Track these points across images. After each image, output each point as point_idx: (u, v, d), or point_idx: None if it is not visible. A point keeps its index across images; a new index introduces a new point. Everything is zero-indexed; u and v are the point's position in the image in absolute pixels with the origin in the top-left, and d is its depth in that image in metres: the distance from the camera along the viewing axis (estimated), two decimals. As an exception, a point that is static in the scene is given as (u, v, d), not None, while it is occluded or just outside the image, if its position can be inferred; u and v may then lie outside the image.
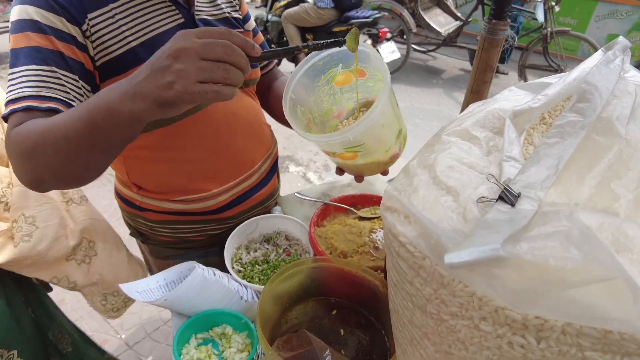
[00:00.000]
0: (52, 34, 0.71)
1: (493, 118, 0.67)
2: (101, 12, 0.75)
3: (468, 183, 0.48)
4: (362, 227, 0.90)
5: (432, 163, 0.55)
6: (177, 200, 0.95)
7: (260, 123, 1.03)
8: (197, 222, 1.01)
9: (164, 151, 0.89)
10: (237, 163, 0.97)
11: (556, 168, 0.46)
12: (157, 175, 0.93)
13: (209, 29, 0.56)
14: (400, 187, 0.52)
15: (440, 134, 0.65)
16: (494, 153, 0.61)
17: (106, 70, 0.77)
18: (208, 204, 0.97)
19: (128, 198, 1.00)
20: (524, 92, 0.75)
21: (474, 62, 1.08)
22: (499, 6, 0.97)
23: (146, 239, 1.07)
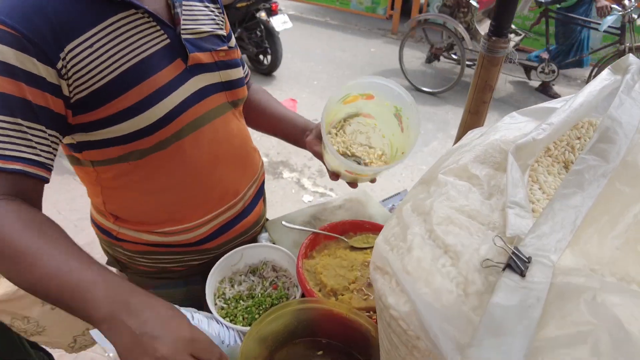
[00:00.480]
0: (22, 78, 0.64)
1: (494, 151, 0.61)
2: (80, 40, 0.68)
3: (469, 242, 0.42)
4: (354, 259, 0.84)
5: (428, 211, 0.49)
6: (156, 232, 0.89)
7: (247, 149, 0.97)
8: (177, 254, 0.95)
9: (143, 181, 0.83)
10: (220, 193, 0.91)
11: (573, 225, 0.39)
12: (136, 205, 0.87)
13: (204, 349, 0.60)
14: (392, 240, 0.46)
15: (436, 170, 0.59)
16: (496, 195, 0.54)
17: (84, 105, 0.71)
18: (189, 236, 0.91)
19: (104, 227, 0.94)
20: (527, 118, 0.69)
21: (472, 81, 1.02)
22: (499, 23, 0.91)
23: (125, 268, 1.01)
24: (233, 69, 0.89)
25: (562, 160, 0.64)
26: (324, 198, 1.07)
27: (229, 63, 0.88)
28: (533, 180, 0.58)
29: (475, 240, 0.43)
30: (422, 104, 4.56)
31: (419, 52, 5.85)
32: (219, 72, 0.85)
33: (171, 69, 0.77)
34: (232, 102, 0.90)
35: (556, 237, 0.38)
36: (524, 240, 0.39)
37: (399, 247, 0.45)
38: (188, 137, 0.81)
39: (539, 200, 0.55)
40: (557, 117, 0.60)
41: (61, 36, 0.66)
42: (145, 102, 0.74)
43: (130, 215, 0.88)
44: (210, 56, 0.84)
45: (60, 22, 0.66)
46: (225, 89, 0.87)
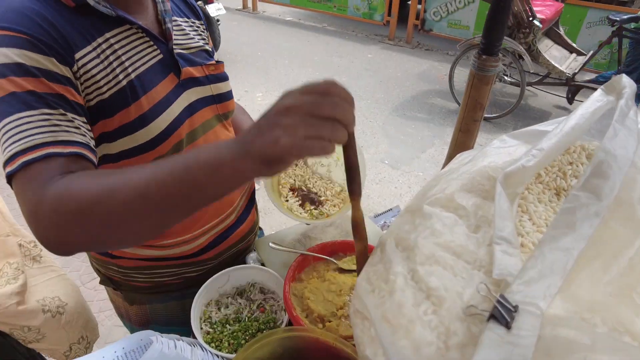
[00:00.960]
0: (42, 77, 0.61)
1: (482, 179, 0.58)
2: (87, 50, 0.68)
3: (452, 285, 0.40)
4: (343, 282, 0.81)
5: (412, 247, 0.47)
6: (154, 246, 0.88)
7: None
8: (174, 267, 0.94)
9: None
10: (216, 204, 0.89)
11: (563, 269, 0.37)
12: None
13: (314, 84, 0.51)
14: (374, 279, 0.44)
15: (422, 199, 0.57)
16: (484, 227, 0.52)
17: (97, 113, 0.70)
18: (186, 248, 0.91)
19: None
20: (517, 142, 0.67)
21: (463, 100, 1.00)
22: (489, 41, 0.89)
23: (119, 286, 0.99)
24: (222, 82, 0.91)
25: (553, 187, 0.61)
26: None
27: (218, 77, 0.89)
28: (522, 210, 0.56)
29: (459, 283, 0.41)
30: (416, 111, 4.55)
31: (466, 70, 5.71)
32: (210, 86, 0.87)
33: (166, 84, 0.78)
34: (223, 114, 0.92)
35: (545, 283, 0.36)
36: (511, 287, 0.37)
37: (380, 288, 0.43)
38: (183, 151, 0.81)
39: (529, 233, 0.53)
40: (548, 141, 0.58)
41: (70, 43, 0.66)
42: (146, 116, 0.74)
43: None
44: (202, 70, 0.86)
45: (65, 31, 0.66)
46: (215, 102, 0.89)
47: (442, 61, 5.87)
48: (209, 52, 0.92)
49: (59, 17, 0.66)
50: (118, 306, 1.10)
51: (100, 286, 1.19)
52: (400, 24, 6.45)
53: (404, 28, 6.46)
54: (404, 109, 4.56)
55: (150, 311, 1.02)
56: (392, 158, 3.75)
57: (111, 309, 2.33)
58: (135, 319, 1.04)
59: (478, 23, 5.62)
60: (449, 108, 4.59)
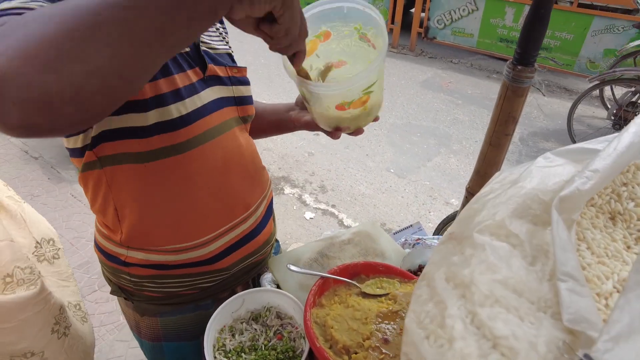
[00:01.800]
0: None
1: (532, 203, 0.53)
2: None
3: (522, 332, 0.35)
4: (368, 309, 0.76)
5: (468, 284, 0.41)
6: (166, 251, 0.85)
7: (256, 164, 0.96)
8: (187, 275, 0.90)
9: (155, 187, 0.80)
10: (230, 205, 0.89)
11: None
12: (146, 215, 0.83)
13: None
14: (427, 322, 0.39)
15: (469, 225, 0.52)
16: (541, 259, 0.47)
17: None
18: (200, 252, 0.87)
19: (111, 252, 0.89)
20: (563, 160, 0.62)
21: (493, 112, 0.95)
22: (524, 50, 0.84)
23: (130, 296, 0.95)
24: (244, 86, 0.91)
25: (607, 210, 0.56)
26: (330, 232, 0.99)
27: (241, 80, 0.90)
28: (579, 238, 0.51)
29: (529, 330, 0.35)
30: (421, 119, 4.51)
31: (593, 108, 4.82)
32: (232, 87, 0.88)
33: (190, 74, 0.79)
34: (243, 117, 0.92)
35: (638, 340, 0.31)
36: (597, 344, 0.31)
37: (436, 335, 0.38)
38: (202, 146, 0.80)
39: (590, 264, 0.47)
40: (602, 162, 0.53)
41: None
42: (165, 97, 0.73)
43: (138, 229, 0.84)
44: (225, 71, 0.87)
45: None
46: (237, 104, 0.89)
47: (446, 69, 5.85)
48: (232, 57, 0.93)
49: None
50: (129, 318, 1.06)
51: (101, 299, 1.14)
52: (403, 31, 6.45)
53: (407, 36, 6.45)
54: (409, 117, 4.52)
55: (161, 324, 0.98)
56: (398, 167, 3.70)
57: (112, 322, 2.28)
58: (145, 331, 1.00)
59: (482, 31, 5.60)
60: (454, 116, 4.56)
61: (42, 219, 1.32)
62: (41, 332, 1.06)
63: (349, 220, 3.10)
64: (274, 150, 3.85)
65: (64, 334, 1.13)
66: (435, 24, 5.95)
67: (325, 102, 0.74)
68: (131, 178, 0.78)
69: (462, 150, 3.94)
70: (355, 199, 3.31)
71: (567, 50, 5.07)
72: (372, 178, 3.56)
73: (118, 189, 0.80)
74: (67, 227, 2.88)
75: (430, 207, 3.23)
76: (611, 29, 4.69)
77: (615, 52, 4.68)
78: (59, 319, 1.12)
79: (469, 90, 5.22)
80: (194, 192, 0.82)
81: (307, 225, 3.04)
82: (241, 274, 0.98)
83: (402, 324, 0.74)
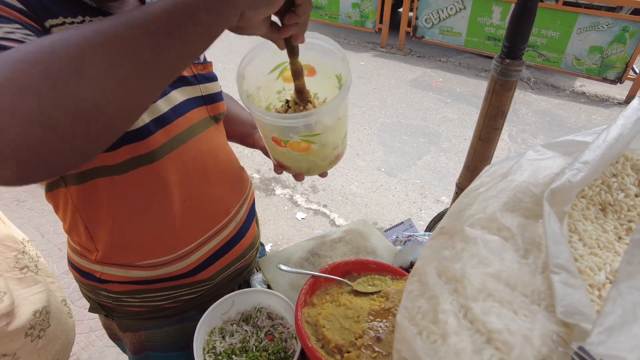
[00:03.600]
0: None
1: (523, 196, 0.53)
2: (63, 21, 0.60)
3: (516, 326, 0.34)
4: (360, 307, 0.75)
5: (460, 278, 0.40)
6: (144, 266, 0.81)
7: (233, 165, 0.92)
8: (169, 289, 0.86)
9: (125, 201, 0.75)
10: (209, 213, 0.85)
11: (649, 312, 0.32)
12: (118, 231, 0.79)
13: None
14: (419, 318, 0.38)
15: (460, 219, 0.51)
16: (533, 252, 0.46)
17: None
18: (179, 266, 0.83)
19: (85, 270, 0.85)
20: (553, 153, 0.62)
21: (482, 106, 0.94)
22: (512, 44, 0.84)
23: (111, 312, 0.91)
24: (212, 83, 0.85)
25: (598, 201, 0.56)
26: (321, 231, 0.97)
27: (207, 77, 0.84)
28: (571, 229, 0.51)
29: (523, 324, 0.35)
30: (410, 118, 4.53)
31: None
32: (199, 86, 0.82)
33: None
34: (214, 116, 0.86)
35: (631, 331, 0.30)
36: (591, 336, 0.30)
37: (429, 330, 0.37)
38: (173, 152, 0.75)
39: (582, 256, 0.47)
40: (592, 154, 0.53)
41: (42, 11, 0.57)
42: None
43: (113, 246, 0.80)
44: (190, 69, 0.81)
45: (35, 3, 0.57)
46: (206, 103, 0.84)
47: (435, 68, 5.87)
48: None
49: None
50: (113, 332, 1.02)
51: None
52: (392, 31, 6.46)
53: (395, 35, 6.47)
54: (398, 116, 4.53)
55: (146, 338, 0.94)
56: (388, 165, 3.70)
57: (102, 328, 2.23)
58: (129, 346, 0.97)
59: (470, 30, 5.64)
60: (443, 115, 4.57)
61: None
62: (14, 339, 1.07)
63: (340, 220, 3.09)
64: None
65: (38, 337, 1.14)
66: (424, 23, 5.97)
67: (262, 128, 0.72)
68: (100, 194, 0.73)
69: (452, 148, 3.95)
70: (346, 199, 3.30)
71: (553, 48, 5.12)
72: (363, 177, 3.56)
73: (86, 207, 0.76)
74: (54, 232, 2.82)
75: (421, 205, 3.24)
76: (596, 26, 4.75)
77: (601, 49, 4.74)
78: (34, 323, 1.12)
79: (457, 88, 5.24)
80: (168, 202, 0.78)
81: (299, 225, 3.02)
82: (226, 282, 0.95)
83: (394, 322, 0.73)
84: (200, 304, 0.91)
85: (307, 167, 0.78)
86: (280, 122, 0.66)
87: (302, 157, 0.74)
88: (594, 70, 4.96)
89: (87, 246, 0.81)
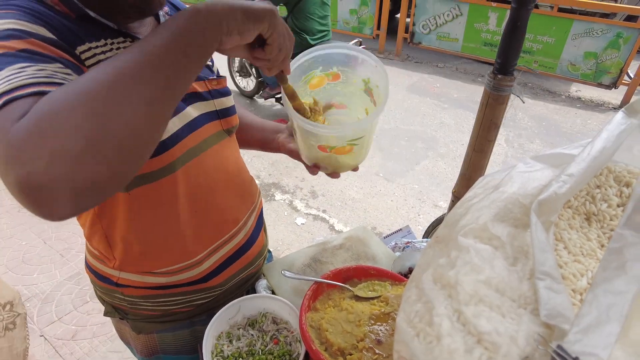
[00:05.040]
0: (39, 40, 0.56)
1: (513, 207, 0.57)
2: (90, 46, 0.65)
3: (504, 328, 0.38)
4: (361, 312, 0.78)
5: (454, 284, 0.44)
6: (159, 273, 0.85)
7: (242, 176, 0.95)
8: (183, 294, 0.91)
9: (140, 213, 0.79)
10: (219, 221, 0.89)
11: (620, 314, 0.36)
12: (135, 240, 0.83)
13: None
14: (416, 321, 0.42)
15: (453, 228, 0.55)
16: (521, 260, 0.50)
17: None
18: (193, 272, 0.88)
19: (103, 274, 0.89)
20: (542, 165, 0.66)
21: (476, 119, 0.99)
22: (504, 60, 0.88)
23: (125, 315, 0.95)
24: (225, 97, 0.89)
25: (583, 212, 0.60)
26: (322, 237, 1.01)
27: (221, 92, 0.88)
28: (557, 238, 0.55)
29: (510, 326, 0.39)
30: (408, 123, 4.58)
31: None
32: (214, 101, 0.86)
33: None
34: (227, 130, 0.90)
35: (604, 331, 0.34)
36: (568, 336, 0.34)
37: (425, 332, 0.41)
38: (185, 166, 0.79)
39: (567, 263, 0.51)
40: (577, 166, 0.57)
41: (71, 39, 0.62)
42: None
43: (129, 255, 0.84)
44: (204, 85, 0.84)
45: (67, 29, 0.62)
46: (220, 117, 0.87)
47: (432, 73, 5.93)
48: (210, 67, 0.91)
49: (61, 19, 0.62)
50: (124, 335, 1.05)
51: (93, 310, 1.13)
52: (389, 37, 6.53)
53: (393, 41, 6.54)
54: (396, 122, 4.58)
55: (158, 340, 0.98)
56: (387, 171, 3.74)
57: (105, 334, 2.26)
58: (141, 348, 1.00)
59: (466, 36, 5.71)
60: (441, 120, 4.63)
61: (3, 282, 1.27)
62: None
63: (339, 225, 3.13)
64: (264, 157, 3.86)
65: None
66: (421, 29, 6.05)
67: (310, 139, 0.77)
68: (118, 206, 0.77)
69: (449, 154, 4.00)
70: (345, 204, 3.34)
71: (548, 54, 5.19)
72: (362, 182, 3.60)
73: (106, 217, 0.79)
74: (56, 239, 2.85)
75: (419, 210, 3.28)
76: (590, 32, 4.82)
77: (596, 54, 4.81)
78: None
79: (454, 94, 5.30)
80: (181, 213, 0.82)
81: (299, 231, 3.05)
82: (235, 288, 0.99)
83: (394, 325, 0.77)
84: (211, 308, 0.95)
85: (344, 167, 0.84)
86: (333, 133, 0.73)
87: (344, 158, 0.80)
88: (589, 76, 5.03)
89: (105, 253, 0.85)
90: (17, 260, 2.64)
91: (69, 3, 0.64)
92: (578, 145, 0.66)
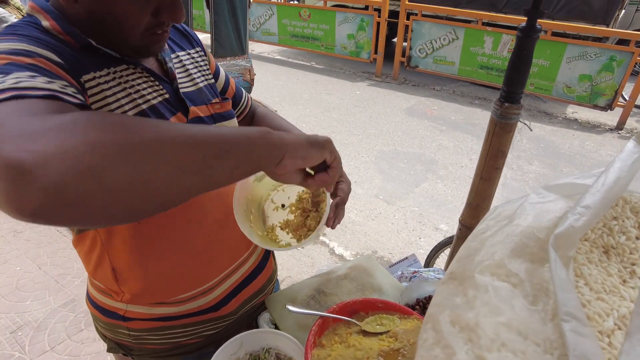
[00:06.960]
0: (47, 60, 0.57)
1: (529, 241, 0.55)
2: (94, 75, 0.66)
3: (534, 378, 0.35)
4: (369, 348, 0.75)
5: (473, 327, 0.42)
6: (170, 303, 0.84)
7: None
8: (192, 324, 0.89)
9: (150, 242, 0.79)
10: (231, 247, 0.89)
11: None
12: (144, 270, 0.81)
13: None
14: (435, 369, 0.39)
15: (469, 265, 0.53)
16: (542, 298, 0.48)
17: None
18: (204, 300, 0.87)
19: (108, 308, 0.86)
20: (554, 196, 0.64)
21: (483, 146, 0.98)
22: (510, 89, 0.88)
23: (130, 352, 0.92)
24: (228, 121, 0.88)
25: (600, 244, 0.58)
26: (326, 267, 0.98)
27: (224, 115, 0.87)
28: (577, 274, 0.52)
29: (538, 375, 0.36)
30: (407, 145, 4.59)
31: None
32: (216, 125, 0.85)
33: (174, 122, 0.77)
34: None
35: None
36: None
37: (447, 383, 0.38)
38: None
39: (590, 301, 0.48)
40: (592, 197, 0.55)
41: (76, 67, 0.63)
42: None
43: (143, 286, 0.82)
44: (207, 109, 0.84)
45: (72, 57, 0.63)
46: None
47: (429, 96, 6.00)
48: (213, 87, 0.90)
49: (65, 48, 0.64)
50: None
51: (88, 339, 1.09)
52: (386, 61, 6.63)
53: (390, 65, 6.64)
54: (395, 144, 4.59)
55: None
56: (387, 193, 3.73)
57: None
58: None
59: (463, 59, 5.80)
60: (439, 142, 4.64)
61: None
62: None
63: (340, 249, 3.09)
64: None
65: None
66: (417, 53, 6.15)
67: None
68: (128, 237, 0.77)
69: (449, 176, 4.00)
70: (345, 227, 3.31)
71: (544, 76, 5.27)
72: (362, 205, 3.57)
73: (115, 249, 0.78)
74: (51, 264, 2.80)
75: (420, 233, 3.24)
76: (584, 56, 4.90)
77: (590, 77, 4.88)
78: None
79: (452, 116, 5.35)
80: (193, 240, 0.82)
81: (299, 255, 3.01)
82: (245, 317, 0.98)
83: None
84: (219, 339, 0.93)
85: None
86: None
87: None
88: (585, 98, 5.09)
89: (112, 287, 0.83)
90: (10, 287, 2.58)
91: (72, 33, 0.65)
92: (589, 175, 0.64)
